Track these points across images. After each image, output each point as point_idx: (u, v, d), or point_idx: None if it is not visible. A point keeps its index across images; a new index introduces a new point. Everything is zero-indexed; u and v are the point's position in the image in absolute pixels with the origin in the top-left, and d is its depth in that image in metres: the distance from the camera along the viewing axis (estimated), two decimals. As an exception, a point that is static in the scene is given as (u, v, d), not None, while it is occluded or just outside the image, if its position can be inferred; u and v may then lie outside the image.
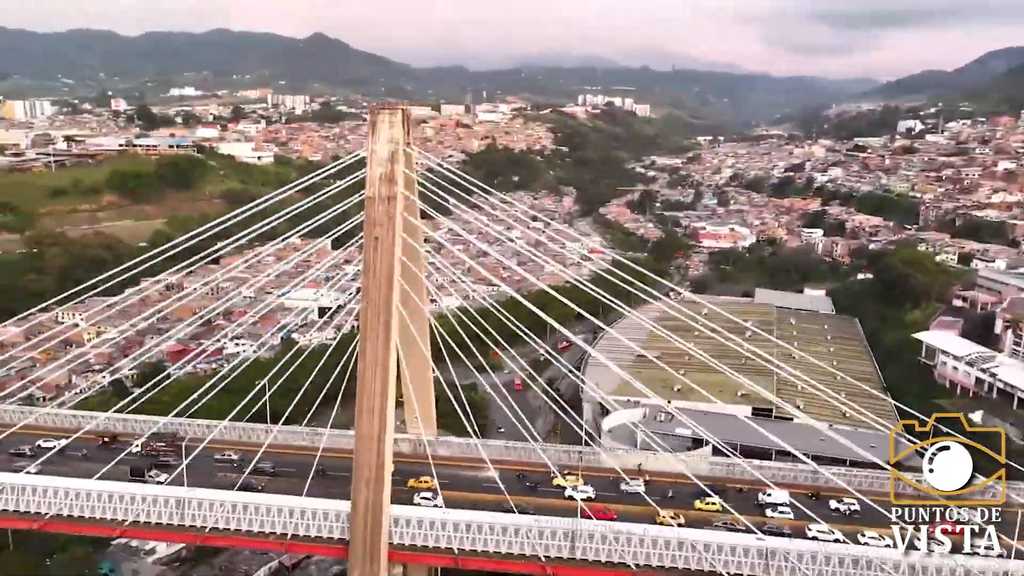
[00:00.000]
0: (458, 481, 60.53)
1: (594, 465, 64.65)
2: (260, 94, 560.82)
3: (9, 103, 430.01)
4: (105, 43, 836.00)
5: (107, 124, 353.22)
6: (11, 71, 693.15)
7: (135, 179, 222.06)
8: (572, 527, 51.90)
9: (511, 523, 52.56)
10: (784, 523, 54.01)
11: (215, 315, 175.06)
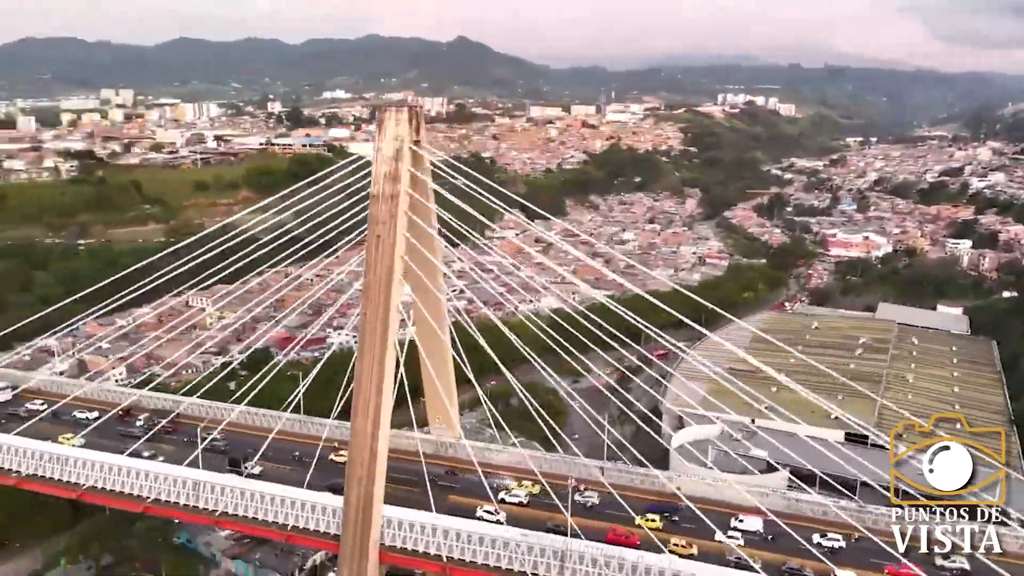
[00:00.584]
0: (472, 486, 59.18)
1: (619, 482, 61.22)
2: (403, 96, 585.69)
3: (182, 105, 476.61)
4: (271, 50, 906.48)
5: (259, 125, 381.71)
6: (191, 76, 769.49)
7: (268, 175, 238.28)
8: (562, 546, 49.31)
9: (501, 536, 50.76)
10: (755, 554, 48.90)
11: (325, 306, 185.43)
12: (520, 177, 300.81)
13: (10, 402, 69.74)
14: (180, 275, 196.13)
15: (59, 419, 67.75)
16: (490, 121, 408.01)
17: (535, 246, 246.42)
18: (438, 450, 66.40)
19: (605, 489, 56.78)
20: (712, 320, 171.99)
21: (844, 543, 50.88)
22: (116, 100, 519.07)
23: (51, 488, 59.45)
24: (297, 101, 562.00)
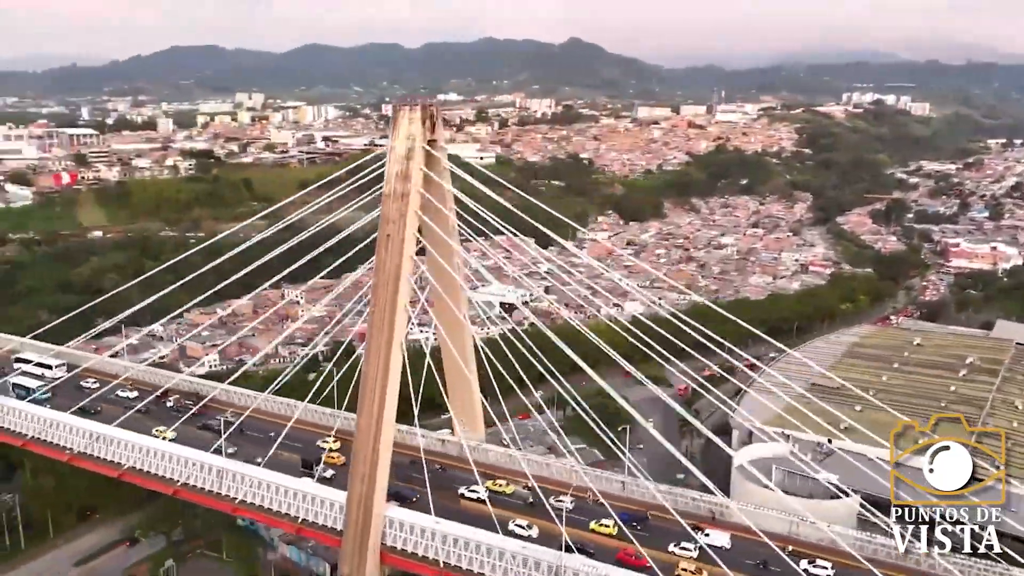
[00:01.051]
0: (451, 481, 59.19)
1: (640, 498, 58.53)
2: (513, 98, 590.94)
3: (303, 108, 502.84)
4: (391, 54, 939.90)
5: (369, 126, 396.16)
6: (317, 81, 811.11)
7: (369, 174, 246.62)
8: (557, 562, 47.48)
9: (498, 545, 49.51)
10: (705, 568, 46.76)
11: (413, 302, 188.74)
12: (617, 178, 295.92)
13: (67, 379, 74.66)
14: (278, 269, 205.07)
15: (104, 398, 71.84)
16: (594, 122, 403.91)
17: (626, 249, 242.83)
18: (461, 452, 65.65)
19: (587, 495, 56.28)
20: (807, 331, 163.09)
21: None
22: (247, 103, 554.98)
23: (97, 466, 63.56)
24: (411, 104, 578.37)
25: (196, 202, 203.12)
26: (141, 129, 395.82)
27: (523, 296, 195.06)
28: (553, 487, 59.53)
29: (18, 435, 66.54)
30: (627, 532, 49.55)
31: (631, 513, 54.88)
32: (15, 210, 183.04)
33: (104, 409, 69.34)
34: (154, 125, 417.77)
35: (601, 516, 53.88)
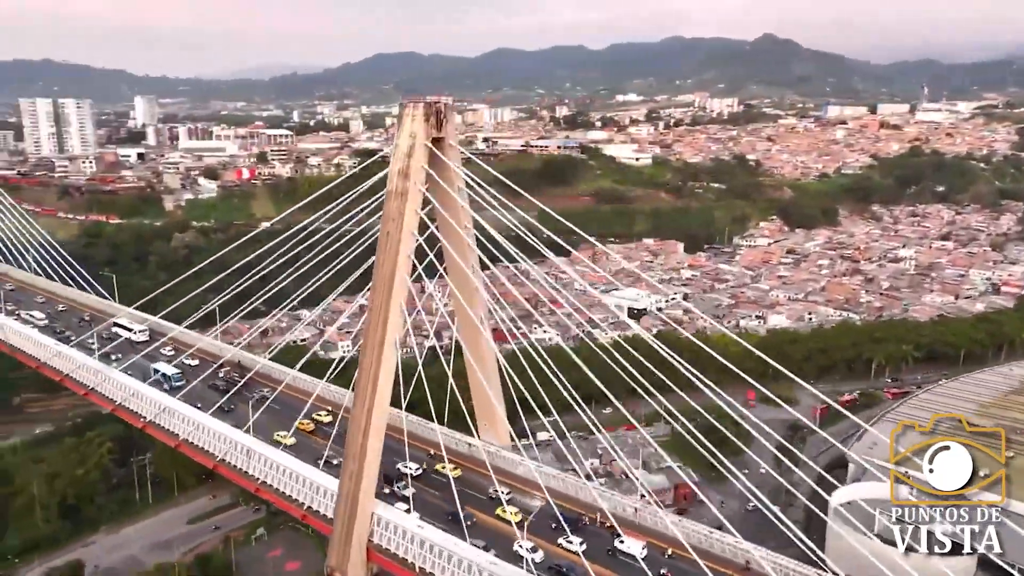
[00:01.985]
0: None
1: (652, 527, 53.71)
2: (694, 98, 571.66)
3: (480, 110, 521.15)
4: (575, 56, 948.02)
5: (537, 128, 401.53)
6: (504, 84, 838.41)
7: (519, 175, 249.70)
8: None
9: (468, 558, 47.63)
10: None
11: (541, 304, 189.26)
12: (787, 181, 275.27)
13: (146, 342, 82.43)
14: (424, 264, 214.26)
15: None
16: (772, 122, 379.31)
17: (786, 258, 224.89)
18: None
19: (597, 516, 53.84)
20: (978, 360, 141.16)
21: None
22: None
23: (160, 434, 69.67)
24: (590, 106, 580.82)
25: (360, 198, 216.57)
26: (336, 130, 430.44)
27: (657, 302, 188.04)
28: (570, 505, 56.34)
29: (109, 400, 74.75)
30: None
31: (567, 515, 53.14)
32: (202, 201, 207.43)
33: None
34: (347, 127, 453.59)
35: (606, 538, 51.58)
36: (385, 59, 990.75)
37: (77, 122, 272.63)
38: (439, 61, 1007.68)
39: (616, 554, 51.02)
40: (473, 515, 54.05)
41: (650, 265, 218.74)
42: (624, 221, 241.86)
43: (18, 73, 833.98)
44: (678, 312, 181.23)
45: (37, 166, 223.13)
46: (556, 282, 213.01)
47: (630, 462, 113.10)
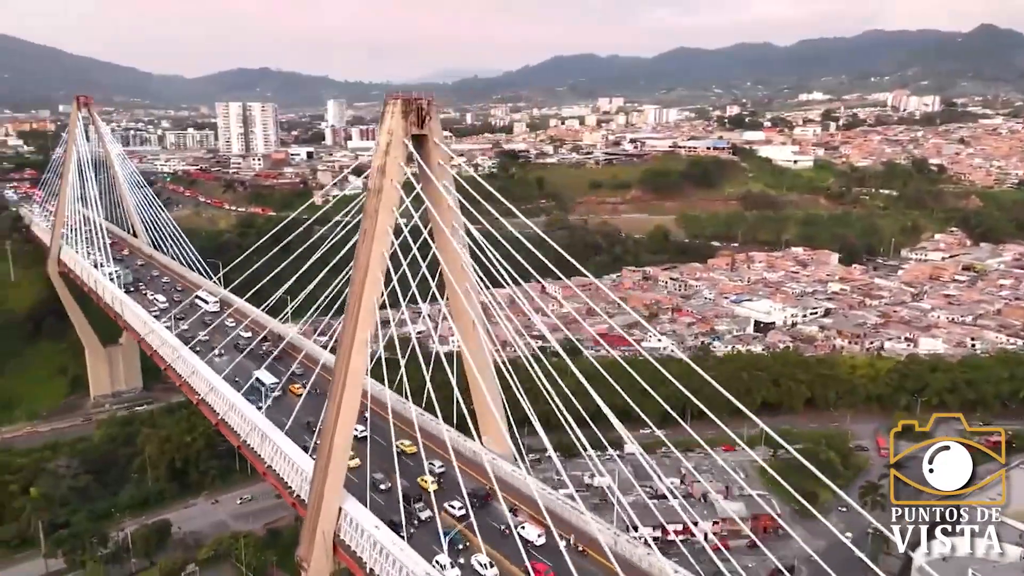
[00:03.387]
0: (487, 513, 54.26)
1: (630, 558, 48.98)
2: (891, 96, 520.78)
3: (646, 111, 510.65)
4: (760, 54, 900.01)
5: (698, 128, 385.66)
6: (680, 83, 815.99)
7: (661, 177, 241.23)
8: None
9: (409, 567, 46.16)
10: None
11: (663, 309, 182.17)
12: (975, 189, 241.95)
13: (216, 313, 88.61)
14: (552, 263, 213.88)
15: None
16: (972, 121, 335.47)
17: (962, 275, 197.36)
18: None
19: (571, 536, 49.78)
20: None
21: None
22: (605, 107, 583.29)
23: (207, 410, 74.61)
24: (768, 105, 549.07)
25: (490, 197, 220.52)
26: (500, 132, 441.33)
27: (793, 316, 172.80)
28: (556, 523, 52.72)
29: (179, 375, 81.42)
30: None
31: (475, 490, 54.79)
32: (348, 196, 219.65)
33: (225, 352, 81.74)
34: (511, 128, 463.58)
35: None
36: (562, 61, 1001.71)
37: (261, 123, 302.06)
38: (616, 62, 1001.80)
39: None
40: (466, 540, 51.26)
41: (795, 276, 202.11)
42: (772, 227, 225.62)
43: (240, 80, 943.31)
44: (813, 328, 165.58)
45: (216, 162, 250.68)
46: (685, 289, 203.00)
47: (712, 485, 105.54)
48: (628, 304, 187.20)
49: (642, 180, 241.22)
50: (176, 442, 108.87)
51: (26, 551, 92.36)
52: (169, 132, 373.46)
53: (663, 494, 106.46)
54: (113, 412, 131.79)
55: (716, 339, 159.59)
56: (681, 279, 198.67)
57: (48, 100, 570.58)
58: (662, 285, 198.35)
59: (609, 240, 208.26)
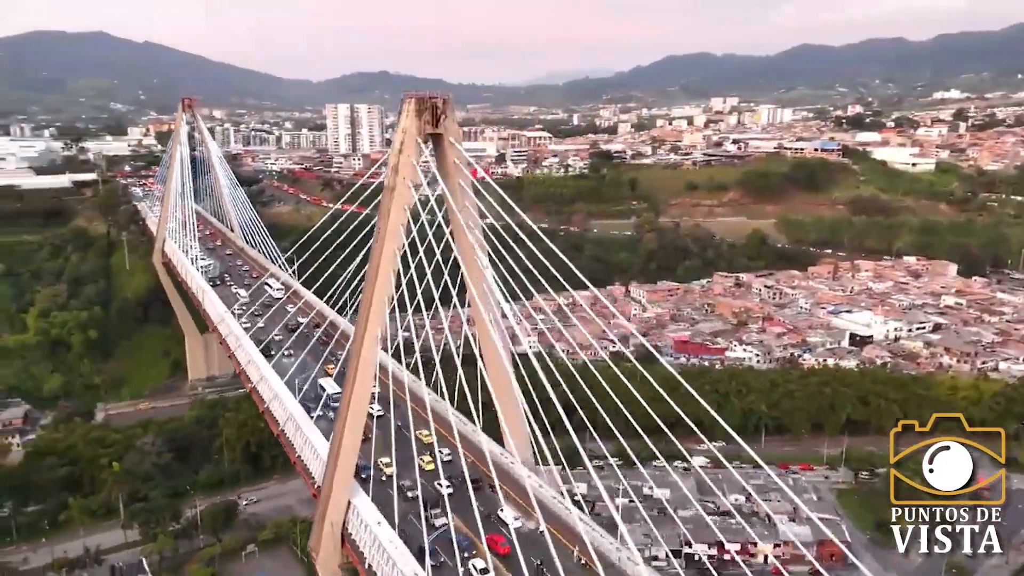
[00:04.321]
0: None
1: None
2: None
3: (759, 111, 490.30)
4: (892, 50, 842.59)
5: (811, 128, 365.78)
6: (803, 82, 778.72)
7: (762, 179, 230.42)
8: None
9: (400, 565, 46.11)
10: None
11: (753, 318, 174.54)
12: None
13: (280, 299, 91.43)
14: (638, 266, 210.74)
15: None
16: None
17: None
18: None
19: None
20: None
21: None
22: (718, 107, 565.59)
23: (256, 398, 77.69)
24: (896, 104, 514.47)
25: (577, 197, 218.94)
26: (604, 133, 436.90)
27: (896, 330, 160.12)
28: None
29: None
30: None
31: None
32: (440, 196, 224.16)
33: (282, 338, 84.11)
34: (615, 129, 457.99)
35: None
36: (675, 61, 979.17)
37: (367, 124, 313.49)
38: (732, 61, 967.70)
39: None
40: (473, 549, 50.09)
41: (904, 287, 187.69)
42: (883, 234, 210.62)
43: (360, 83, 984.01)
44: (917, 344, 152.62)
45: (320, 162, 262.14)
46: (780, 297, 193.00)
47: (778, 505, 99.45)
48: (716, 311, 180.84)
49: (741, 182, 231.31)
50: (252, 427, 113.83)
51: (109, 520, 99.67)
52: (286, 133, 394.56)
53: (726, 510, 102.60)
54: (205, 395, 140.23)
55: (806, 351, 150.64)
56: (776, 286, 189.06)
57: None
58: (755, 292, 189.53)
59: (701, 244, 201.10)
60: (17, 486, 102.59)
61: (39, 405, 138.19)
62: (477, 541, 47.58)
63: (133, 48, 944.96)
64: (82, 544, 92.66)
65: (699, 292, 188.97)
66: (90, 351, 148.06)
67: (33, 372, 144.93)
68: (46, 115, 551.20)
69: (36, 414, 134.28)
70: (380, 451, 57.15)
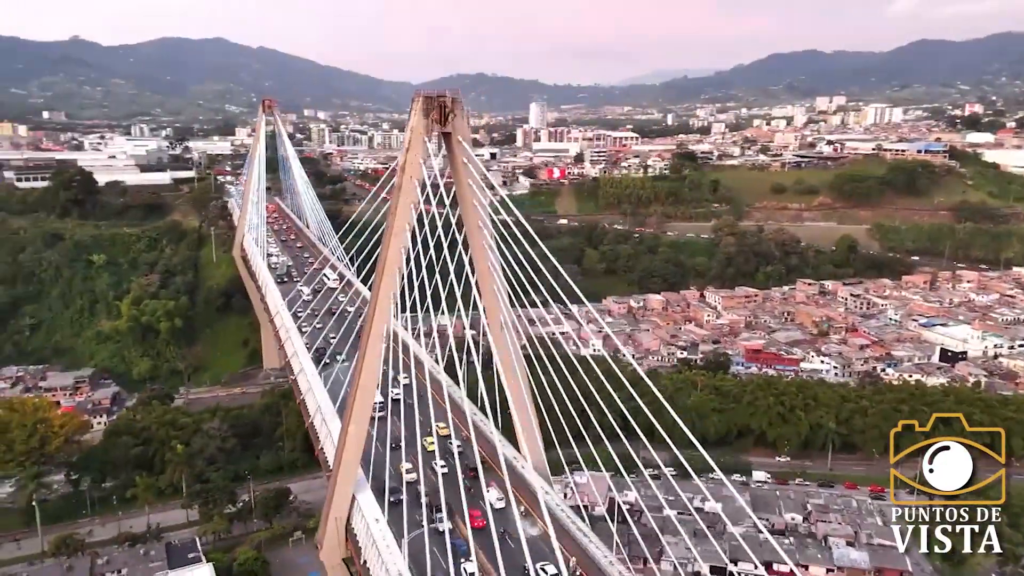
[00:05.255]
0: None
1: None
2: None
3: (865, 110, 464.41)
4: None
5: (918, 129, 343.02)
6: (920, 79, 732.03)
7: (856, 182, 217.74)
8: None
9: (390, 565, 46.12)
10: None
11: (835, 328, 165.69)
12: None
13: (334, 289, 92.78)
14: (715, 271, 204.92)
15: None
16: None
17: None
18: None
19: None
20: None
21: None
22: (823, 107, 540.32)
23: (295, 388, 79.74)
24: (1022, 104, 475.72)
25: (655, 199, 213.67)
26: (696, 133, 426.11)
27: (996, 346, 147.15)
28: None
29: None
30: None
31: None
32: (514, 197, 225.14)
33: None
34: (708, 129, 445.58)
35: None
36: (780, 59, 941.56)
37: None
38: (843, 58, 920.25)
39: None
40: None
41: (1011, 300, 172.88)
42: (990, 243, 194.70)
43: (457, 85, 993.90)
44: (1019, 362, 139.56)
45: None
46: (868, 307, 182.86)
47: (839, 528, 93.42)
48: (795, 320, 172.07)
49: (832, 185, 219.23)
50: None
51: (175, 499, 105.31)
52: (380, 133, 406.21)
53: (781, 528, 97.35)
54: (276, 384, 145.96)
55: (890, 365, 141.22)
56: (864, 296, 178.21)
57: (297, 105, 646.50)
58: (840, 301, 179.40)
59: (784, 249, 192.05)
60: (96, 463, 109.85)
61: (129, 387, 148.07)
62: (462, 525, 47.28)
63: (249, 53, 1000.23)
64: (147, 520, 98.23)
65: (779, 299, 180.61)
66: (176, 338, 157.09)
67: (125, 356, 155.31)
68: (167, 117, 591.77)
69: (124, 395, 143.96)
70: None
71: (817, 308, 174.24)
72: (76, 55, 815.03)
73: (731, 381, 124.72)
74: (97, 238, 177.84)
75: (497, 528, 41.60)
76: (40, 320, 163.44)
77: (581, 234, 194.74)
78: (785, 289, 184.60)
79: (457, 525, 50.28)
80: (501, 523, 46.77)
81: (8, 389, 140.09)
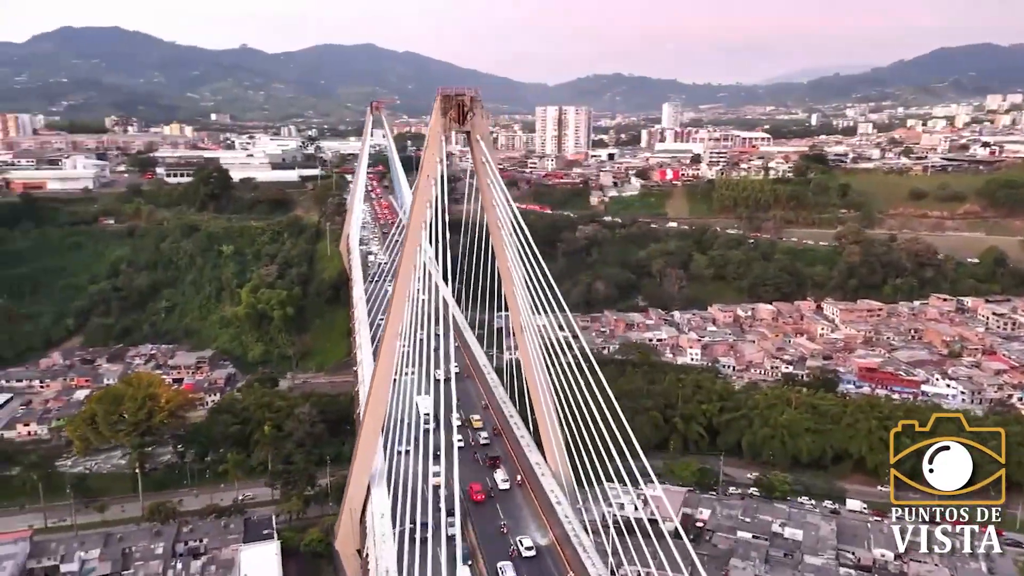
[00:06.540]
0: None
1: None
2: None
3: None
4: None
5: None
6: None
7: (1011, 189, 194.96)
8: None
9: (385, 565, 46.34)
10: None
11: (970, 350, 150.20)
12: None
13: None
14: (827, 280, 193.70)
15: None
16: None
17: None
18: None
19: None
20: None
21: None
22: (993, 105, 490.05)
23: (354, 378, 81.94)
24: None
25: (774, 203, 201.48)
26: (840, 134, 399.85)
27: None
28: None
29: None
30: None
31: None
32: (624, 198, 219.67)
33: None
34: (854, 130, 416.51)
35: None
36: (947, 53, 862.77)
37: (573, 125, 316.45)
38: (1022, 52, 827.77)
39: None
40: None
41: None
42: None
43: (594, 85, 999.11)
44: None
45: (518, 162, 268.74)
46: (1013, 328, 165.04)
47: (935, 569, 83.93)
48: (923, 338, 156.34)
49: (983, 191, 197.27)
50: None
51: (263, 477, 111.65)
52: (502, 134, 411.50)
53: (868, 565, 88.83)
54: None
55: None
56: (1010, 315, 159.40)
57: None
58: (980, 319, 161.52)
59: (918, 260, 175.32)
60: (201, 438, 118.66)
61: (244, 369, 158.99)
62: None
63: (395, 57, 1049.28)
64: (234, 496, 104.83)
65: (907, 315, 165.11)
66: (287, 326, 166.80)
67: (242, 340, 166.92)
68: (318, 118, 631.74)
69: (238, 376, 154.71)
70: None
71: (951, 327, 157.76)
72: (244, 62, 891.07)
73: (831, 400, 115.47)
74: (228, 230, 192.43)
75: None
76: (174, 304, 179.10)
77: (691, 237, 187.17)
78: (916, 304, 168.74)
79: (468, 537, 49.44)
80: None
81: (142, 365, 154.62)
